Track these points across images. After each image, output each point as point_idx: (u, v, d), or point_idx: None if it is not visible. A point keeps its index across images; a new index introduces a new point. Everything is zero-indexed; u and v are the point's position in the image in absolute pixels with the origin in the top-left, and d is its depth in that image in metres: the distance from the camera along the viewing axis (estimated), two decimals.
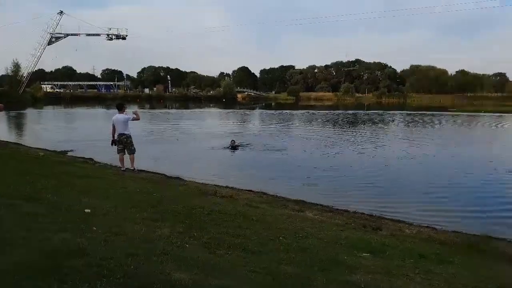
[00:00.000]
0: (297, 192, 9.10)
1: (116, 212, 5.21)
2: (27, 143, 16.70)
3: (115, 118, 10.39)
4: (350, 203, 8.43)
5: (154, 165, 11.98)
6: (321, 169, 12.27)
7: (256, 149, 15.94)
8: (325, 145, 17.74)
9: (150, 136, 20.46)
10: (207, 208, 6.18)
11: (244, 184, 9.87)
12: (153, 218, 5.12)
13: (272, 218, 6.17)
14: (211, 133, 22.34)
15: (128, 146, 10.44)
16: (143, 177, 9.64)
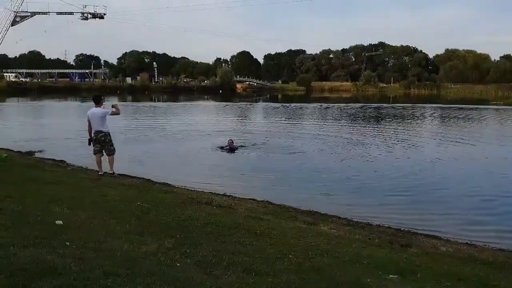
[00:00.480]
0: (309, 202, 9.09)
1: (93, 224, 5.22)
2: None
3: (90, 112, 10.43)
4: (374, 215, 8.42)
5: (137, 169, 12.00)
6: (338, 174, 12.27)
7: (259, 150, 15.97)
8: (343, 146, 17.73)
9: (132, 134, 20.52)
10: (201, 220, 6.18)
11: (245, 191, 9.86)
12: (137, 231, 5.12)
13: (279, 232, 6.16)
14: (205, 131, 22.38)
15: (107, 145, 10.47)
16: (124, 183, 9.66)
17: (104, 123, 10.40)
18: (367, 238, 6.60)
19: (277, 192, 10.06)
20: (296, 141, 18.83)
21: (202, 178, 11.46)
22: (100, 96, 10.99)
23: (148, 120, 29.13)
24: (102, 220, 5.49)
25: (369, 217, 8.19)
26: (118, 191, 8.16)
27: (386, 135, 21.75)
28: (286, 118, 33.34)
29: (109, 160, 10.56)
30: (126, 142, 16.74)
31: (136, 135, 20.22)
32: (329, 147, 17.34)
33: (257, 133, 21.88)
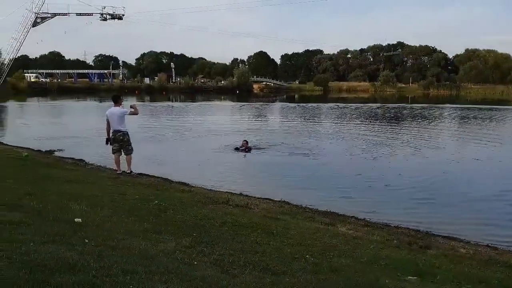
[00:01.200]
0: (326, 202, 9.06)
1: (112, 222, 5.28)
2: (7, 141, 17.14)
3: (109, 112, 10.53)
4: (392, 216, 8.34)
5: (155, 168, 12.11)
6: (356, 174, 12.20)
7: (275, 151, 15.96)
8: (361, 146, 17.61)
9: (149, 133, 20.71)
10: (218, 219, 6.20)
11: (261, 191, 9.87)
12: (155, 229, 5.16)
13: (296, 232, 6.14)
14: (222, 131, 22.46)
15: (125, 145, 10.58)
16: (142, 182, 9.75)
17: (123, 123, 10.50)
18: (386, 239, 6.53)
19: (293, 192, 10.05)
20: (313, 141, 18.77)
21: (219, 177, 11.51)
22: (119, 96, 11.12)
23: (165, 120, 29.35)
24: (121, 218, 5.55)
25: (387, 218, 8.12)
26: (136, 190, 8.24)
27: (406, 136, 21.51)
28: (303, 118, 33.24)
29: (126, 159, 10.68)
30: (144, 141, 16.89)
31: (153, 135, 20.40)
32: (346, 147, 17.24)
33: (273, 133, 21.86)
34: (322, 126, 26.87)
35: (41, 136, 19.09)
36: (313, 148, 16.78)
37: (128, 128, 10.82)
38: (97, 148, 15.21)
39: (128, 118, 10.73)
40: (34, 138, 18.21)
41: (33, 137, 18.60)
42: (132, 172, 10.65)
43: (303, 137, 20.07)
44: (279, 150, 16.15)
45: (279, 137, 20.00)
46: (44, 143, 16.47)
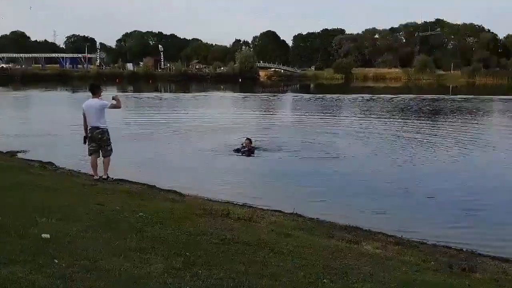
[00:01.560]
0: (348, 215, 9.05)
1: (87, 238, 5.29)
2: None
3: (86, 105, 10.55)
4: (429, 232, 8.31)
5: (139, 173, 12.15)
6: (385, 182, 12.16)
7: (286, 153, 15.97)
8: (391, 148, 17.54)
9: (132, 131, 20.84)
10: (216, 235, 6.19)
11: (269, 201, 9.86)
12: (139, 247, 5.17)
13: (312, 252, 6.13)
14: (221, 128, 22.53)
15: (104, 145, 10.60)
16: (124, 189, 9.77)
17: (102, 118, 10.52)
18: (421, 260, 6.51)
19: (308, 203, 10.02)
20: (332, 141, 18.76)
21: (217, 184, 11.52)
22: (98, 85, 11.13)
23: (152, 115, 29.45)
24: (97, 234, 5.56)
25: (423, 235, 8.09)
26: (116, 199, 8.25)
27: (447, 135, 21.41)
28: (320, 112, 33.22)
29: (104, 162, 10.70)
30: (125, 140, 16.94)
31: (137, 132, 20.50)
32: (373, 148, 17.20)
33: (283, 131, 21.87)
34: (344, 122, 26.83)
35: (1, 133, 19.18)
36: (332, 149, 16.77)
37: (108, 125, 10.83)
38: (69, 148, 15.27)
39: (108, 113, 10.76)
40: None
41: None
42: (109, 178, 10.68)
43: (319, 136, 20.06)
44: (291, 151, 16.15)
45: (290, 136, 20.02)
46: (5, 143, 16.55)
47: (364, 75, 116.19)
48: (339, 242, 7.03)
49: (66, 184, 9.64)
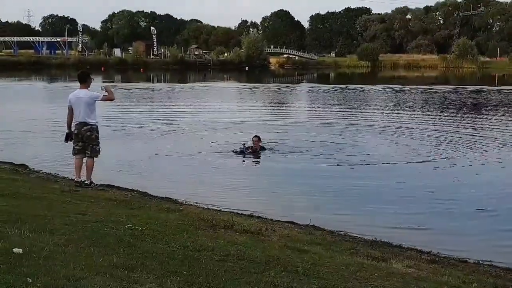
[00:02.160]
0: (374, 228, 9.04)
1: (66, 254, 5.29)
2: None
3: (74, 96, 10.51)
4: (470, 248, 8.30)
5: (128, 177, 12.18)
6: (418, 189, 12.14)
7: (300, 154, 15.96)
8: (427, 148, 17.41)
9: (120, 127, 20.96)
10: (218, 251, 6.19)
11: (281, 211, 9.87)
12: (127, 265, 5.17)
13: (331, 271, 6.11)
14: (223, 124, 22.56)
15: (91, 144, 10.57)
16: (110, 196, 9.77)
17: (92, 113, 10.46)
18: (461, 281, 6.48)
19: (327, 213, 10.01)
20: (356, 140, 18.73)
21: (219, 191, 11.54)
22: (88, 73, 11.02)
23: (143, 109, 29.56)
24: (79, 248, 5.55)
25: (463, 251, 8.06)
26: (101, 208, 8.26)
27: (492, 133, 21.30)
28: (341, 106, 33.17)
29: (87, 163, 10.65)
30: (112, 138, 16.97)
31: (125, 130, 20.63)
32: (405, 148, 17.13)
33: (296, 129, 21.90)
34: (369, 118, 26.77)
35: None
36: (355, 150, 16.73)
37: (99, 121, 10.81)
38: (46, 148, 15.33)
39: (98, 106, 10.76)
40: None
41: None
42: (93, 183, 10.69)
43: (340, 135, 20.04)
44: (306, 152, 16.14)
45: (305, 134, 20.03)
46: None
47: (394, 63, 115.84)
48: (364, 260, 7.00)
49: (42, 190, 9.63)
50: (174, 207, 9.29)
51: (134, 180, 11.84)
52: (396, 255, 7.54)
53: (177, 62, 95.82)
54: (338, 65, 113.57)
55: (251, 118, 25.34)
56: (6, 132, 19.08)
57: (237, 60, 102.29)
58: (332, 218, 9.60)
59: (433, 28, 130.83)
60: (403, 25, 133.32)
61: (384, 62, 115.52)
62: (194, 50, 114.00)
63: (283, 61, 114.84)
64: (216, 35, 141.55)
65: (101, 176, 11.19)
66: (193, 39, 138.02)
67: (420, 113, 29.05)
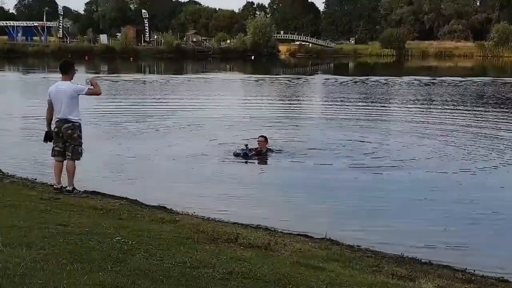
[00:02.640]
0: (401, 242, 9.04)
1: (46, 271, 5.30)
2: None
3: (54, 89, 10.50)
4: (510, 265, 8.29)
5: (116, 183, 12.22)
6: (453, 197, 12.17)
7: (314, 157, 15.95)
8: (462, 150, 17.37)
9: (106, 125, 21.08)
10: (220, 268, 6.19)
11: (293, 223, 9.89)
12: (116, 284, 5.18)
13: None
14: (223, 122, 22.67)
15: (72, 144, 10.55)
16: (95, 205, 9.79)
17: (75, 108, 10.43)
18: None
19: (346, 225, 10.04)
20: (378, 141, 18.66)
21: (220, 199, 11.58)
22: (71, 63, 11.02)
23: (133, 104, 29.57)
24: (60, 265, 5.55)
25: (503, 270, 8.04)
26: (86, 219, 8.27)
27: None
28: (361, 101, 33.09)
29: (68, 167, 10.62)
30: (97, 138, 17.04)
31: (112, 128, 20.73)
32: (435, 150, 17.10)
33: (309, 127, 21.97)
34: (394, 115, 26.74)
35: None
36: (378, 153, 16.73)
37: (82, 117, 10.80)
38: (21, 149, 15.36)
39: (83, 100, 10.77)
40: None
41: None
42: (76, 190, 10.69)
43: (360, 135, 20.02)
44: (320, 155, 16.15)
45: (320, 134, 20.10)
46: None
47: (423, 51, 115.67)
48: (388, 279, 7.00)
49: (17, 198, 9.65)
50: (169, 218, 9.30)
51: (123, 186, 11.89)
52: (426, 273, 7.52)
53: (172, 50, 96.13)
54: (358, 53, 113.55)
55: (256, 115, 25.47)
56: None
57: (242, 48, 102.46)
58: (351, 231, 9.60)
59: (469, 11, 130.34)
60: (434, 8, 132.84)
61: (412, 50, 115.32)
62: (192, 36, 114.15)
63: (295, 49, 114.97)
64: (217, 19, 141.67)
65: (85, 181, 11.23)
66: (191, 23, 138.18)
67: (453, 109, 28.98)
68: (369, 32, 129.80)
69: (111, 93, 34.74)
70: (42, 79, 43.58)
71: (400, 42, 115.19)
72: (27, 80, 47.28)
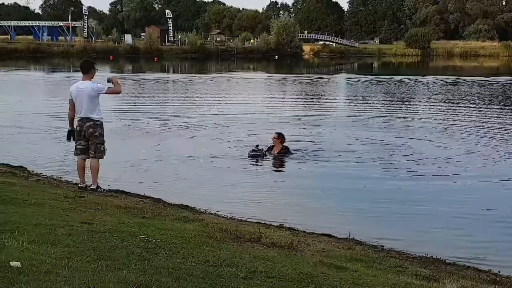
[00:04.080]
0: (425, 242, 9.01)
1: (71, 268, 5.32)
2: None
3: (75, 88, 10.56)
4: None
5: (139, 181, 12.31)
6: (479, 198, 12.10)
7: (337, 156, 15.89)
8: (490, 151, 17.10)
9: (128, 123, 21.22)
10: (243, 267, 6.18)
11: (316, 222, 9.89)
12: (139, 282, 5.19)
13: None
14: (246, 120, 22.82)
15: (95, 142, 10.62)
16: (119, 203, 9.83)
17: (96, 107, 10.50)
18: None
19: (369, 225, 10.02)
20: (402, 141, 18.54)
21: (244, 199, 11.60)
22: (92, 62, 11.07)
23: (156, 102, 29.75)
24: (84, 262, 5.58)
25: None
26: (110, 217, 8.30)
27: None
28: (385, 100, 32.92)
29: (92, 166, 10.69)
30: (119, 135, 17.12)
31: (135, 125, 20.88)
32: (464, 152, 16.90)
33: (332, 126, 21.88)
34: (419, 114, 26.55)
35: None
36: (403, 152, 16.61)
37: (104, 116, 10.87)
38: (46, 147, 15.47)
39: (103, 99, 10.81)
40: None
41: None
42: (100, 188, 10.75)
43: (384, 134, 19.98)
44: (343, 155, 16.04)
45: (343, 132, 20.02)
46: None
47: (448, 51, 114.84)
48: (412, 279, 6.96)
49: (42, 196, 9.68)
50: (192, 216, 9.31)
51: (146, 185, 11.96)
52: (450, 274, 7.46)
53: (196, 50, 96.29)
54: (383, 53, 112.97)
55: (280, 113, 25.53)
56: (0, 128, 19.30)
57: (265, 47, 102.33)
58: (375, 231, 9.57)
59: (494, 11, 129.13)
60: (459, 7, 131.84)
61: (437, 50, 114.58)
62: (215, 36, 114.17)
63: (319, 48, 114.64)
64: (241, 19, 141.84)
65: (109, 179, 11.29)
66: (215, 23, 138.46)
67: (481, 109, 28.71)
68: (393, 32, 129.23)
69: (134, 91, 34.90)
70: (65, 78, 43.86)
71: (425, 41, 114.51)
72: (51, 80, 47.55)
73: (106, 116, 11.56)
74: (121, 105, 24.72)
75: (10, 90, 37.77)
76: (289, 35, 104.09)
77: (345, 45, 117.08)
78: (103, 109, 10.92)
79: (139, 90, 37.29)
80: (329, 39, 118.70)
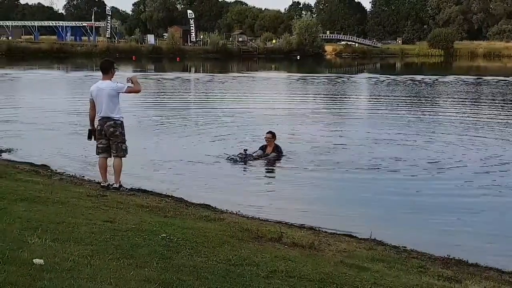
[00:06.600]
0: (448, 243, 8.94)
1: (93, 266, 5.36)
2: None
3: (95, 88, 10.61)
4: None
5: (160, 180, 12.35)
6: (503, 198, 12.03)
7: (357, 155, 15.89)
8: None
9: (150, 121, 21.36)
10: (264, 266, 6.19)
11: (338, 222, 9.87)
12: (162, 280, 5.21)
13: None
14: (267, 118, 22.70)
15: (116, 141, 10.68)
16: (141, 202, 9.87)
17: (116, 106, 10.54)
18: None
19: (391, 225, 9.98)
20: (426, 141, 18.50)
21: (265, 198, 11.61)
22: (112, 62, 11.12)
23: (177, 101, 29.83)
24: (107, 260, 5.62)
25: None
26: (132, 216, 8.35)
27: None
28: (408, 100, 32.71)
29: (115, 165, 10.74)
30: (141, 134, 17.17)
31: (156, 123, 21.00)
32: (487, 151, 16.77)
33: (353, 126, 21.87)
34: (442, 114, 26.39)
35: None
36: (424, 153, 16.52)
37: (124, 115, 10.89)
38: (69, 146, 15.57)
39: (123, 98, 10.85)
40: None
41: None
42: (122, 187, 10.79)
43: (406, 133, 19.90)
44: (365, 155, 16.00)
45: (364, 132, 19.96)
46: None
47: (471, 51, 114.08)
48: (434, 280, 6.92)
49: (65, 195, 9.76)
50: (213, 216, 9.33)
51: (168, 184, 11.99)
52: (472, 275, 7.41)
53: (218, 50, 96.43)
54: (406, 53, 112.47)
55: (300, 112, 25.54)
56: (24, 128, 19.47)
57: (287, 48, 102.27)
58: (396, 231, 9.54)
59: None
60: (483, 7, 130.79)
61: (460, 51, 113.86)
62: (237, 36, 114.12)
63: (341, 49, 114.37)
64: (263, 19, 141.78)
65: (130, 178, 11.33)
66: (237, 24, 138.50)
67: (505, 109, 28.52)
68: (416, 32, 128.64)
69: (156, 90, 35.04)
70: (88, 78, 43.94)
71: (448, 42, 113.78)
72: (74, 80, 47.76)
73: (127, 115, 11.61)
74: (144, 104, 24.82)
75: (33, 89, 38.03)
76: (311, 35, 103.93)
77: (367, 45, 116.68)
78: (125, 109, 10.94)
79: (161, 89, 37.45)
80: (351, 40, 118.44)
